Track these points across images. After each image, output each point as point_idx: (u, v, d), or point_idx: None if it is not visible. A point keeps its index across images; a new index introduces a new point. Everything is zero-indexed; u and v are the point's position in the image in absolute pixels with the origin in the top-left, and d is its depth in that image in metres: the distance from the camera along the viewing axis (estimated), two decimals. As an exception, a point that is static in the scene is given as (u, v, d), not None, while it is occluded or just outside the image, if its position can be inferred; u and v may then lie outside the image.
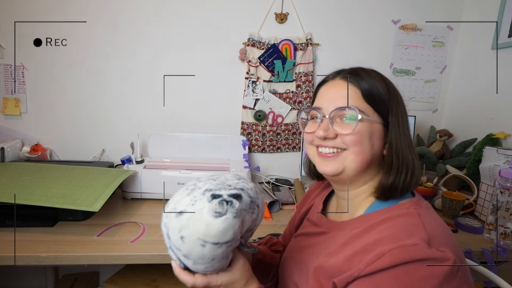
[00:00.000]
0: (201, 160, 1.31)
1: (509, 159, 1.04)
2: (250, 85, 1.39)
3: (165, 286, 1.09)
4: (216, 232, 0.44)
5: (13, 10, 1.25)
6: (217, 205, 0.44)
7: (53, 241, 0.84)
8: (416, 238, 0.42)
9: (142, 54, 1.35)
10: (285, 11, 1.37)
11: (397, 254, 0.41)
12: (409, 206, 0.50)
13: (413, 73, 1.49)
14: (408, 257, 0.41)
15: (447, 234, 0.46)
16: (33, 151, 1.30)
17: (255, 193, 0.50)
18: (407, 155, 0.53)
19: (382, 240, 0.44)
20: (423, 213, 0.48)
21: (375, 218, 0.50)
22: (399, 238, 0.43)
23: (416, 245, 0.41)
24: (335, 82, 0.56)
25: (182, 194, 0.48)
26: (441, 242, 0.43)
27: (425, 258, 0.41)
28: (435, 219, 0.49)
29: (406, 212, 0.48)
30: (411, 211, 0.48)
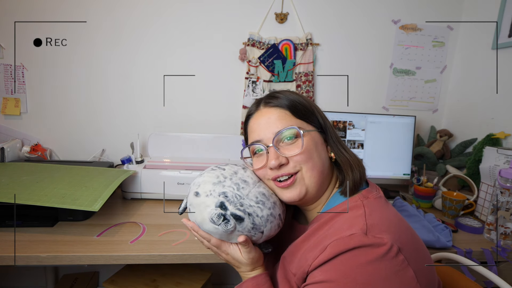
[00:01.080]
0: (201, 160, 1.31)
1: (509, 159, 1.04)
2: (250, 85, 1.39)
3: (165, 286, 1.09)
4: (205, 228, 0.54)
5: (13, 10, 1.25)
6: (215, 216, 0.51)
7: (53, 241, 0.84)
8: (354, 229, 0.46)
9: (142, 54, 1.35)
10: (285, 11, 1.37)
11: (336, 245, 0.45)
12: (357, 199, 0.53)
13: (413, 73, 1.49)
14: (346, 246, 0.44)
15: (389, 221, 0.48)
16: (33, 151, 1.30)
17: (265, 221, 0.54)
18: (344, 152, 0.58)
19: (328, 236, 0.48)
20: (369, 204, 0.51)
21: (328, 215, 0.53)
22: (340, 231, 0.47)
23: (352, 235, 0.45)
24: (260, 112, 0.59)
25: (211, 178, 0.56)
26: (380, 229, 0.45)
27: (360, 246, 0.43)
28: (381, 209, 0.51)
29: (353, 205, 0.51)
30: (357, 203, 0.51)
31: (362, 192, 0.55)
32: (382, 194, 0.57)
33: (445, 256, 0.82)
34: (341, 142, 0.60)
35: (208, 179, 0.55)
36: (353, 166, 0.56)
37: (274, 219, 0.55)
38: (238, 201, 0.52)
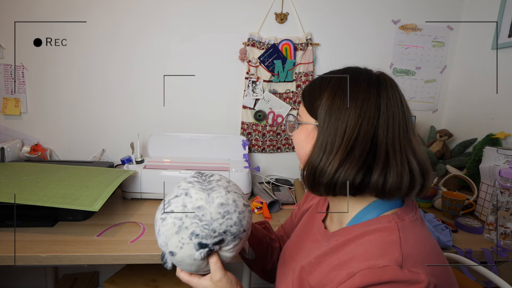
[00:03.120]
0: (201, 160, 1.31)
1: (509, 159, 1.04)
2: (250, 85, 1.39)
3: (165, 286, 1.09)
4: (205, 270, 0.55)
5: (13, 10, 1.25)
6: (203, 256, 0.51)
7: (53, 241, 0.84)
8: (387, 259, 0.41)
9: (142, 54, 1.35)
10: (285, 11, 1.37)
11: (367, 275, 0.40)
12: (391, 219, 0.47)
13: (413, 73, 1.49)
14: (378, 279, 0.40)
15: (427, 253, 0.44)
16: (33, 151, 1.30)
17: (239, 223, 0.53)
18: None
19: (356, 258, 0.44)
20: (405, 228, 0.45)
21: (356, 231, 0.48)
22: (371, 257, 0.42)
23: (386, 267, 0.40)
24: None
25: (169, 230, 0.51)
26: (416, 262, 0.41)
27: (395, 281, 0.39)
28: (417, 235, 0.46)
29: (386, 227, 0.46)
30: (391, 225, 0.46)
31: (397, 212, 0.48)
32: (420, 215, 0.50)
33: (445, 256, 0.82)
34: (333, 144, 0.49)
35: (169, 233, 0.51)
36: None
37: (244, 212, 0.54)
38: (210, 230, 0.50)
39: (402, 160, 0.46)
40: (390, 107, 0.47)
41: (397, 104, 0.48)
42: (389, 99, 0.47)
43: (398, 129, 0.47)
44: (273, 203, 1.16)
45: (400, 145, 0.47)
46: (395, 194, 0.47)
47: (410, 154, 0.47)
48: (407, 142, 0.47)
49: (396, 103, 0.48)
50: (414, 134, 0.49)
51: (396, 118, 0.47)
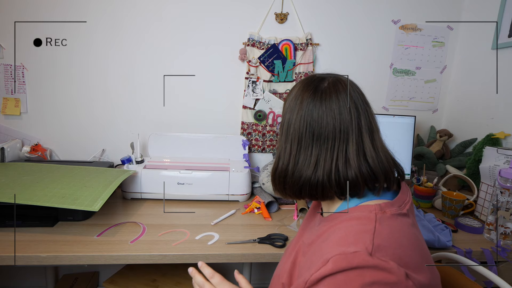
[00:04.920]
0: (201, 160, 1.31)
1: (509, 159, 1.04)
2: (250, 85, 1.39)
3: (165, 286, 1.09)
4: None
5: (13, 10, 1.25)
6: None
7: (53, 241, 0.84)
8: (358, 246, 0.42)
9: (142, 54, 1.35)
10: (285, 11, 1.37)
11: (338, 261, 0.42)
12: (373, 209, 0.48)
13: (413, 73, 1.49)
14: (347, 265, 0.41)
15: (399, 246, 0.44)
16: (33, 151, 1.30)
17: None
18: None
19: (330, 243, 0.46)
20: (383, 220, 0.46)
21: (340, 217, 0.51)
22: (344, 244, 0.44)
23: (356, 253, 0.41)
24: None
25: None
26: (386, 253, 0.42)
27: (364, 266, 0.40)
28: (394, 229, 0.46)
29: (364, 216, 0.47)
30: (370, 215, 0.47)
31: (381, 204, 0.49)
32: (407, 210, 0.51)
33: (445, 256, 0.82)
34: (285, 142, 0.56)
35: None
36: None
37: None
38: None
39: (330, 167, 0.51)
40: (324, 118, 0.51)
41: (334, 115, 0.51)
42: (322, 110, 0.52)
43: (333, 139, 0.51)
44: (271, 203, 1.16)
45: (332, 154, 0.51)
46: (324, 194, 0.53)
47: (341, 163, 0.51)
48: (343, 150, 0.51)
49: (333, 113, 0.51)
50: (354, 141, 0.51)
51: (330, 129, 0.51)
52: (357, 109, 0.52)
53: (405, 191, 0.56)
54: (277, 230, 0.99)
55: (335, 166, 0.51)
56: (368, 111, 0.54)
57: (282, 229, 1.00)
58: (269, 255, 0.86)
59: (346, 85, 0.53)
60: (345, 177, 0.50)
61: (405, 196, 0.54)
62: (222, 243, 0.89)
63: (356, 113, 0.52)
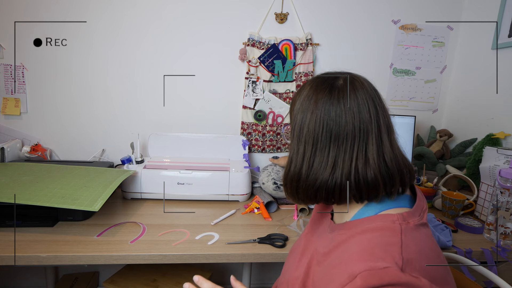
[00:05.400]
0: (201, 160, 1.31)
1: (509, 159, 1.04)
2: (250, 85, 1.39)
3: (165, 286, 1.09)
4: None
5: (13, 10, 1.25)
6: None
7: (53, 241, 0.84)
8: (388, 260, 0.40)
9: (142, 54, 1.35)
10: (285, 11, 1.37)
11: (368, 278, 0.39)
12: (396, 219, 0.45)
13: (413, 73, 1.49)
14: (378, 281, 0.38)
15: (429, 258, 0.43)
16: (33, 151, 1.30)
17: None
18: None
19: (355, 256, 0.43)
20: (408, 232, 0.44)
21: (358, 226, 0.48)
22: (371, 258, 0.41)
23: (387, 268, 0.39)
24: None
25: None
26: (415, 267, 0.40)
27: (396, 283, 0.38)
28: (420, 242, 0.44)
29: (388, 226, 0.45)
30: (395, 226, 0.44)
31: (403, 214, 0.46)
32: (426, 218, 0.49)
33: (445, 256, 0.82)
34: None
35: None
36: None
37: None
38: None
39: (350, 168, 0.48)
40: (342, 117, 0.48)
41: (353, 113, 0.48)
42: (340, 109, 0.49)
43: (352, 138, 0.48)
44: (270, 203, 1.16)
45: (351, 154, 0.48)
46: (354, 197, 0.49)
47: (360, 164, 0.48)
48: (362, 149, 0.48)
49: (352, 111, 0.48)
50: (374, 140, 0.49)
51: (349, 127, 0.48)
52: (375, 107, 0.50)
53: (420, 197, 0.53)
54: (277, 230, 0.99)
55: (354, 167, 0.48)
56: (385, 110, 0.52)
57: (282, 229, 1.00)
58: (269, 255, 0.86)
59: (362, 83, 0.51)
60: (365, 178, 0.48)
61: (422, 203, 0.51)
62: (222, 243, 0.89)
63: (375, 112, 0.49)
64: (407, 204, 0.51)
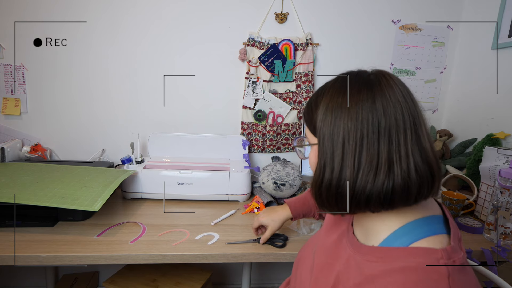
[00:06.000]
0: (201, 160, 1.31)
1: (509, 159, 1.04)
2: (250, 85, 1.39)
3: (165, 286, 1.09)
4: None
5: (13, 10, 1.25)
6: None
7: (53, 241, 0.84)
8: None
9: (142, 54, 1.35)
10: (285, 11, 1.37)
11: None
12: (440, 257, 0.38)
13: (413, 73, 1.49)
14: None
15: None
16: (33, 151, 1.30)
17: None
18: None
19: None
20: (455, 275, 0.37)
21: (396, 259, 0.40)
22: None
23: None
24: None
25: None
26: None
27: None
28: (468, 284, 0.38)
29: (434, 268, 0.37)
30: (440, 267, 0.37)
31: (447, 248, 0.39)
32: (466, 258, 0.42)
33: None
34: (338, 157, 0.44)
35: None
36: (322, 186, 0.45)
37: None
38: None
39: (408, 163, 0.41)
40: (388, 107, 0.42)
41: (398, 102, 0.43)
42: (386, 99, 0.42)
43: (404, 129, 0.42)
44: (270, 203, 1.16)
45: (406, 147, 0.41)
46: (401, 201, 0.42)
47: (417, 155, 0.41)
48: (415, 142, 0.42)
49: (396, 101, 0.43)
50: (422, 132, 0.43)
51: (398, 117, 0.42)
52: (410, 94, 0.45)
53: (448, 215, 0.46)
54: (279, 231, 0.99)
55: (413, 162, 0.41)
56: (414, 99, 0.46)
57: (282, 229, 1.00)
58: (269, 255, 0.86)
59: (390, 74, 0.47)
60: (424, 172, 0.41)
61: (456, 228, 0.44)
62: (222, 243, 0.89)
63: (412, 99, 0.44)
64: (443, 227, 0.44)
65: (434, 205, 0.47)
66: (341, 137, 0.43)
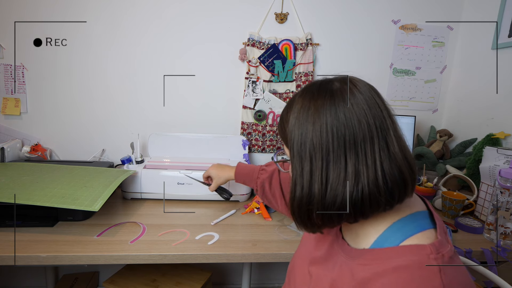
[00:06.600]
0: (201, 160, 1.31)
1: (509, 159, 1.04)
2: (250, 85, 1.39)
3: (165, 286, 1.09)
4: None
5: (13, 10, 1.25)
6: None
7: (53, 241, 0.84)
8: None
9: (142, 54, 1.35)
10: (285, 11, 1.37)
11: None
12: (429, 253, 0.39)
13: (413, 73, 1.49)
14: None
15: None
16: (33, 151, 1.30)
17: None
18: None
19: None
20: (446, 269, 0.38)
21: (385, 260, 0.40)
22: None
23: None
24: None
25: None
26: None
27: None
28: (458, 278, 0.39)
29: (424, 264, 0.38)
30: (431, 263, 0.38)
31: (435, 243, 0.40)
32: (454, 251, 0.42)
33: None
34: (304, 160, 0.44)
35: None
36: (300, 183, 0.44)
37: None
38: None
39: (376, 172, 0.41)
40: (352, 118, 0.42)
41: (362, 110, 0.42)
42: (349, 110, 0.42)
43: (370, 138, 0.41)
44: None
45: (374, 157, 0.41)
46: (372, 209, 0.42)
47: (385, 163, 0.41)
48: (384, 149, 0.42)
49: (360, 109, 0.42)
50: (390, 137, 0.43)
51: (364, 127, 0.41)
52: (379, 97, 0.45)
53: (432, 208, 0.47)
54: (277, 230, 0.99)
55: (381, 170, 0.41)
56: (384, 100, 0.46)
57: (282, 229, 1.00)
58: (269, 255, 0.86)
59: (356, 79, 0.47)
60: (394, 178, 0.41)
61: (440, 220, 0.45)
62: (222, 243, 0.89)
63: (382, 103, 0.44)
64: (429, 221, 0.44)
65: (418, 201, 0.48)
66: (308, 153, 0.43)
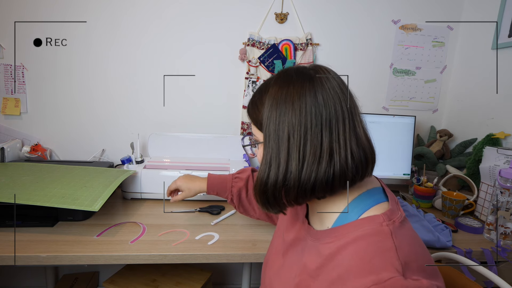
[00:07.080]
0: (201, 160, 1.31)
1: (509, 159, 1.04)
2: (250, 85, 1.39)
3: (165, 286, 1.09)
4: None
5: (13, 10, 1.25)
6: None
7: (53, 241, 0.84)
8: (390, 270, 0.39)
9: (142, 54, 1.35)
10: (285, 11, 1.37)
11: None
12: (382, 221, 0.43)
13: (413, 73, 1.49)
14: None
15: (420, 256, 0.42)
16: (33, 151, 1.30)
17: None
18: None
19: (355, 270, 0.41)
20: (396, 232, 0.43)
21: (346, 234, 0.45)
22: (373, 270, 0.39)
23: (392, 279, 0.38)
24: None
25: None
26: (414, 269, 0.40)
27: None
28: (409, 239, 0.43)
29: (378, 231, 0.43)
30: (383, 229, 0.43)
31: (386, 212, 0.45)
32: (402, 210, 0.48)
33: (445, 256, 0.82)
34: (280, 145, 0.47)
35: None
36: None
37: None
38: None
39: (346, 151, 0.45)
40: (329, 100, 0.45)
41: (337, 94, 0.46)
42: (326, 92, 0.46)
43: (342, 119, 0.46)
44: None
45: (345, 136, 0.45)
46: (340, 185, 0.46)
47: (353, 143, 0.46)
48: (352, 130, 0.46)
49: (335, 93, 0.46)
50: (357, 120, 0.47)
51: (338, 108, 0.45)
52: (345, 86, 0.49)
53: (384, 184, 0.53)
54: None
55: (350, 149, 0.45)
56: (349, 90, 0.50)
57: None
58: (269, 255, 0.86)
59: (328, 69, 0.50)
60: (360, 157, 0.46)
61: (391, 193, 0.51)
62: (222, 243, 0.89)
63: (347, 89, 0.48)
64: (382, 196, 0.50)
65: (373, 179, 0.54)
66: (286, 132, 0.45)
